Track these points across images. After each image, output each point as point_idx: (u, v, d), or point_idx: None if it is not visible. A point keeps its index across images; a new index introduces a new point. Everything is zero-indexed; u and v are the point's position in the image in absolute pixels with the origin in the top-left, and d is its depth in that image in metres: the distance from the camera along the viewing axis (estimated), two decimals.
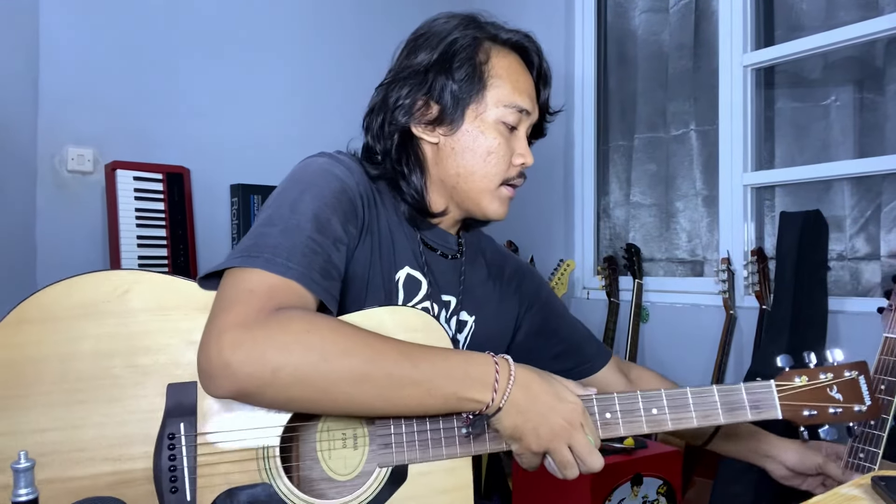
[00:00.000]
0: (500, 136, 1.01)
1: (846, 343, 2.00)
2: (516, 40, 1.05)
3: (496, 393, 0.83)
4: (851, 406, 0.95)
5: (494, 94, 1.01)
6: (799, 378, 0.94)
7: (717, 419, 0.90)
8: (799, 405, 0.93)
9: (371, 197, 0.99)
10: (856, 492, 0.73)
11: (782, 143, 2.36)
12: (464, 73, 1.00)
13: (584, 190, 2.90)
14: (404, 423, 0.86)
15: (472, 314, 1.10)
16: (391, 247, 1.00)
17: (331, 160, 0.98)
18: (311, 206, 0.90)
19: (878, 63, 2.12)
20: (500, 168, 1.02)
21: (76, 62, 2.43)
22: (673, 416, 0.90)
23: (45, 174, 2.39)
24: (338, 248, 0.90)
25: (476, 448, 0.88)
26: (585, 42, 2.91)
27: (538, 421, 0.84)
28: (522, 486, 1.91)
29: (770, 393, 0.93)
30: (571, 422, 0.84)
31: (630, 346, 2.43)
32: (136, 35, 2.54)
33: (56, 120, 2.40)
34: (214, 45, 2.67)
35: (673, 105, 2.65)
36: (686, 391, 0.91)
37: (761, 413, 0.92)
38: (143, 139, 2.52)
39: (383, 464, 0.86)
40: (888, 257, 2.08)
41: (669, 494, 1.81)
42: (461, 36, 1.01)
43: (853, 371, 0.97)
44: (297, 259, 0.84)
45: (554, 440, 0.84)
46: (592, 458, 0.85)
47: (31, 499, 0.58)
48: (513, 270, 1.20)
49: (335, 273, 0.89)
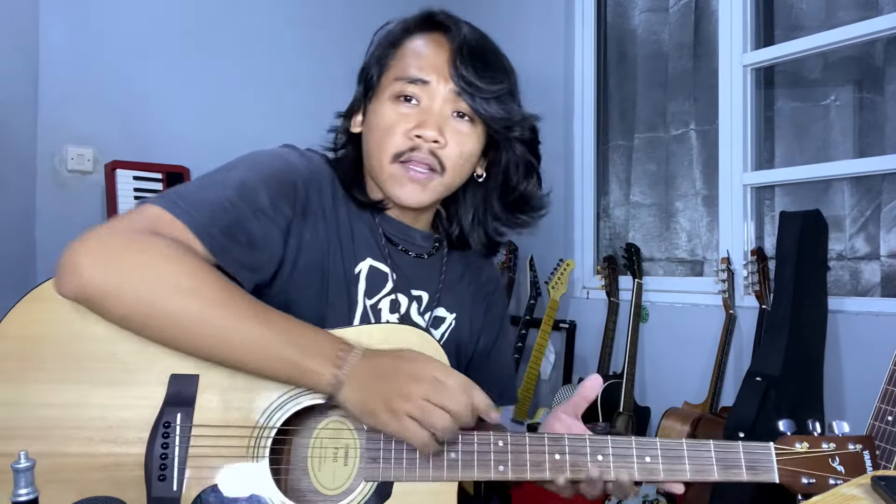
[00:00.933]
0: (393, 110, 0.97)
1: (846, 343, 2.00)
2: (431, 18, 1.01)
3: (339, 369, 0.80)
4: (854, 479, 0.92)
5: (391, 73, 0.99)
6: (800, 444, 0.90)
7: (711, 475, 0.88)
8: (798, 472, 0.89)
9: (330, 187, 0.99)
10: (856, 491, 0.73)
11: (782, 142, 2.36)
12: (374, 61, 1.01)
13: (584, 189, 2.90)
14: (395, 441, 0.85)
15: (451, 311, 1.07)
16: (350, 237, 1.00)
17: (291, 148, 1.00)
18: (243, 174, 0.91)
19: (878, 63, 2.12)
20: (388, 143, 0.96)
21: (76, 62, 2.43)
22: (666, 466, 0.88)
23: (44, 174, 2.39)
24: (258, 217, 0.89)
25: (463, 473, 0.86)
26: (585, 42, 2.91)
27: (390, 395, 0.79)
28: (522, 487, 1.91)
29: (769, 455, 0.89)
30: (420, 382, 0.79)
31: (630, 346, 2.43)
32: (136, 35, 2.54)
33: (56, 120, 2.40)
34: (215, 45, 2.67)
35: (673, 105, 2.65)
36: (682, 442, 0.88)
37: (758, 475, 0.89)
38: (142, 139, 2.53)
39: (369, 478, 0.85)
40: (888, 257, 2.08)
41: (669, 494, 1.81)
42: (393, 28, 1.02)
43: (857, 445, 0.92)
44: (201, 210, 0.85)
45: (406, 416, 0.79)
46: (434, 417, 0.79)
47: (31, 499, 0.58)
48: (488, 278, 1.16)
49: (243, 238, 0.87)
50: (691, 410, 2.21)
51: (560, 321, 2.72)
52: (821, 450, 0.90)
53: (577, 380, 2.61)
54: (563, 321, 2.74)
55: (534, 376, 2.63)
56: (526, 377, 2.62)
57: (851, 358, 1.99)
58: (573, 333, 2.75)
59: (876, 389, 1.26)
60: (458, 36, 0.97)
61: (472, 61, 0.96)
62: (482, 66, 0.97)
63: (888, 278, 2.07)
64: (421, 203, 0.99)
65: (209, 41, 2.64)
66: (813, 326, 1.93)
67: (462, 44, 0.97)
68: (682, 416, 2.17)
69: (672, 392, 2.41)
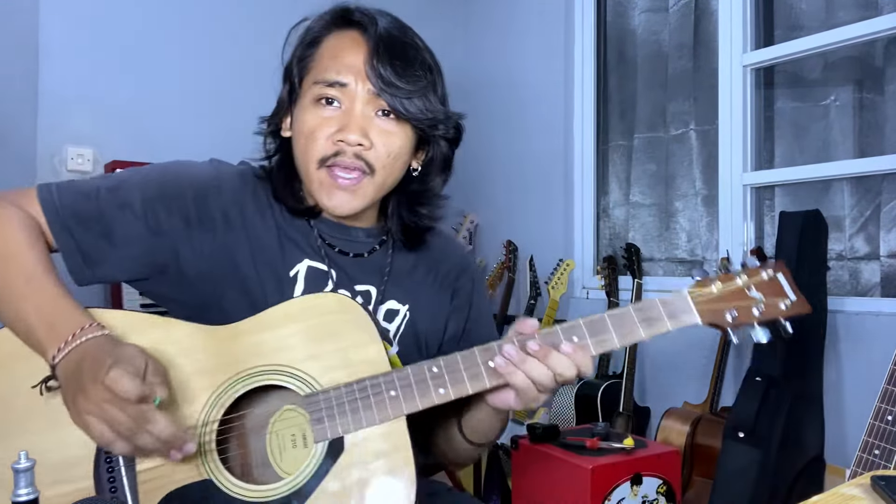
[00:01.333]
0: (314, 114, 0.96)
1: (846, 343, 2.00)
2: (347, 15, 0.99)
3: (59, 352, 0.81)
4: (776, 302, 0.90)
5: (310, 77, 0.97)
6: (714, 285, 0.91)
7: (638, 335, 0.89)
8: (718, 308, 0.90)
9: (249, 195, 1.00)
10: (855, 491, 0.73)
11: (782, 142, 2.36)
12: (296, 62, 1.00)
13: (584, 189, 2.90)
14: (333, 396, 0.86)
15: (403, 303, 1.05)
16: (278, 243, 1.00)
17: (214, 162, 1.04)
18: (130, 174, 0.99)
19: (878, 63, 2.12)
20: (313, 149, 0.95)
21: (76, 62, 2.43)
22: (595, 340, 0.89)
23: (44, 174, 2.38)
24: (122, 211, 0.94)
25: (407, 406, 0.86)
26: (585, 42, 2.91)
27: (78, 392, 0.78)
28: (522, 486, 1.91)
29: (684, 300, 0.90)
30: (97, 400, 0.76)
31: (630, 346, 2.43)
32: (135, 35, 2.54)
33: (56, 120, 2.40)
34: (214, 45, 2.67)
35: (672, 105, 2.65)
36: (604, 316, 0.90)
37: (680, 320, 0.89)
38: (142, 139, 2.52)
39: (319, 439, 0.86)
40: (888, 257, 2.08)
41: (669, 494, 1.81)
42: (311, 25, 1.01)
43: (769, 270, 0.92)
44: (64, 195, 0.93)
45: (88, 415, 0.77)
46: (139, 435, 0.77)
47: (31, 499, 0.58)
48: (452, 265, 1.12)
49: (97, 227, 0.93)
50: (691, 410, 2.21)
51: (560, 321, 2.71)
52: (734, 284, 0.91)
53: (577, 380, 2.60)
54: (563, 321, 2.73)
55: None
56: None
57: (851, 358, 1.99)
58: None
59: (876, 389, 1.26)
60: (373, 33, 0.95)
61: (391, 59, 0.94)
62: (401, 64, 0.95)
63: (888, 278, 2.07)
64: (353, 210, 0.98)
65: (209, 41, 2.64)
66: (813, 326, 1.93)
67: (378, 41, 0.95)
68: (682, 416, 2.17)
69: (672, 392, 2.41)
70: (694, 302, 0.90)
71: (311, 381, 0.87)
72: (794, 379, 1.86)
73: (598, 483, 1.69)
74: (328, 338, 0.89)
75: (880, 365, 1.30)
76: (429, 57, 1.00)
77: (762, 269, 0.92)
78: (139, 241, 0.95)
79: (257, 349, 0.88)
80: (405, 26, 1.01)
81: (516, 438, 1.91)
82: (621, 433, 1.91)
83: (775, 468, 1.81)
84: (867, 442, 1.24)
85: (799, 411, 1.85)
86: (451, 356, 0.88)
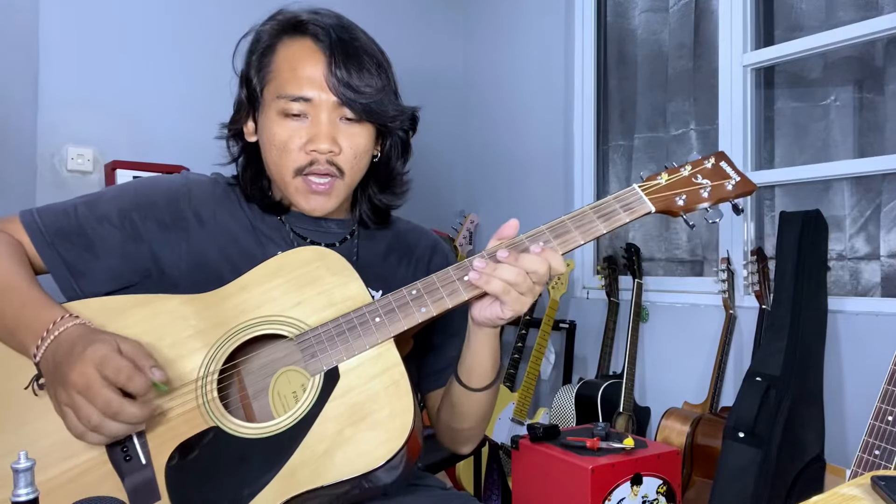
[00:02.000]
0: (283, 127, 1.00)
1: (846, 343, 2.00)
2: (297, 22, 1.02)
3: (37, 349, 0.85)
4: (721, 183, 1.00)
5: (272, 88, 1.01)
6: (660, 177, 1.00)
7: (598, 230, 0.94)
8: (668, 195, 0.98)
9: (220, 196, 1.07)
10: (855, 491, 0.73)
11: (782, 142, 2.36)
12: (255, 71, 1.03)
13: (584, 189, 2.90)
14: (322, 330, 0.91)
15: (376, 288, 1.08)
16: (253, 238, 1.05)
17: (175, 174, 1.10)
18: (105, 190, 1.07)
19: (878, 63, 2.12)
20: (286, 160, 1.01)
21: (76, 62, 2.43)
22: (560, 241, 0.94)
23: (44, 174, 2.39)
24: (101, 223, 1.00)
25: (392, 328, 0.90)
26: (585, 42, 2.91)
27: (56, 384, 0.81)
28: (522, 485, 1.91)
29: (636, 193, 0.97)
30: (76, 385, 0.78)
31: (630, 346, 2.43)
32: (136, 35, 2.54)
33: (56, 120, 2.40)
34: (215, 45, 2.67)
35: (673, 105, 2.65)
36: (563, 219, 0.95)
37: (635, 211, 0.96)
38: (142, 139, 2.53)
39: (314, 371, 0.89)
40: (888, 257, 2.08)
41: (669, 494, 1.81)
42: (261, 32, 1.05)
43: (711, 159, 1.03)
44: (44, 214, 1.00)
45: (64, 407, 0.80)
46: (106, 424, 0.79)
47: (31, 499, 0.58)
48: (424, 247, 1.18)
49: (80, 241, 0.99)
50: (691, 410, 2.21)
51: (560, 321, 2.72)
52: (680, 174, 1.01)
53: (577, 380, 2.61)
54: (563, 321, 2.74)
55: (534, 376, 2.63)
56: (526, 377, 2.62)
57: (851, 358, 1.99)
58: (573, 333, 2.75)
59: (876, 389, 1.26)
60: (327, 43, 0.99)
61: (347, 67, 0.99)
62: (357, 70, 0.99)
63: (888, 278, 2.07)
64: (329, 210, 1.04)
65: (210, 41, 2.64)
66: (813, 326, 1.93)
67: (333, 50, 0.99)
68: (682, 416, 2.18)
69: (672, 392, 2.41)
70: (645, 193, 0.98)
71: (299, 323, 0.92)
72: (795, 379, 1.86)
73: (599, 483, 1.69)
74: (310, 284, 0.94)
75: (880, 365, 1.30)
76: (378, 53, 1.04)
77: (705, 160, 1.03)
78: (120, 249, 1.00)
79: (245, 306, 0.93)
80: (351, 25, 1.04)
81: (516, 438, 1.91)
82: (621, 433, 1.91)
83: (775, 468, 1.81)
84: (867, 442, 1.24)
85: (799, 411, 1.85)
86: (427, 278, 0.93)
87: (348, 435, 0.86)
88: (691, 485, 2.11)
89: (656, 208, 0.97)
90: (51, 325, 0.85)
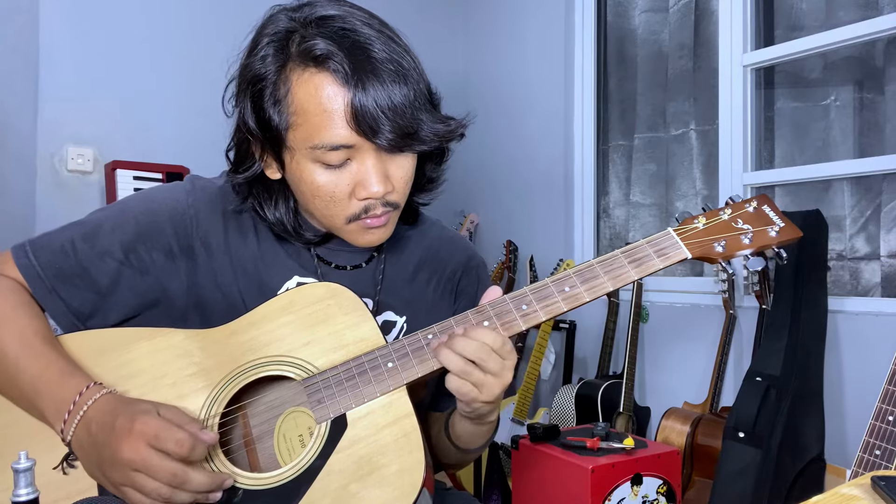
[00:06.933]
0: (324, 176, 0.88)
1: (846, 343, 2.00)
2: (316, 55, 0.84)
3: (65, 425, 0.80)
4: (764, 229, 0.92)
5: (298, 135, 0.86)
6: (698, 220, 0.92)
7: (629, 277, 0.90)
8: (706, 241, 0.91)
9: (227, 218, 0.97)
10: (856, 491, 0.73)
11: (782, 142, 2.36)
12: (273, 104, 0.87)
13: (584, 189, 2.90)
14: (331, 376, 0.86)
15: (401, 314, 1.03)
16: (264, 263, 0.97)
17: (190, 181, 0.99)
18: (103, 216, 0.96)
19: (878, 63, 2.12)
20: (335, 209, 0.90)
21: (76, 62, 2.43)
22: (586, 287, 0.89)
23: (44, 174, 2.39)
24: (103, 259, 0.92)
25: (406, 375, 0.85)
26: (585, 42, 2.91)
27: (103, 464, 0.77)
28: (522, 485, 1.91)
29: (671, 238, 0.91)
30: (132, 463, 0.75)
31: (630, 346, 2.43)
32: (135, 35, 2.54)
33: (56, 119, 2.40)
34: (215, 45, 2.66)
35: (673, 105, 2.65)
36: (592, 263, 0.90)
37: (670, 257, 0.91)
38: (142, 139, 2.53)
39: (321, 418, 0.85)
40: (888, 257, 2.08)
41: (669, 494, 1.81)
42: (265, 65, 0.88)
43: (753, 203, 0.94)
44: (40, 254, 0.92)
45: (122, 487, 0.77)
46: (176, 495, 0.76)
47: (31, 499, 0.58)
48: (456, 265, 1.10)
49: (81, 283, 0.92)
50: (691, 410, 2.21)
51: (560, 321, 2.72)
52: (719, 218, 0.93)
53: (577, 380, 2.61)
54: (563, 321, 2.74)
55: (534, 376, 2.63)
56: (526, 377, 2.62)
57: (852, 358, 1.99)
58: (573, 333, 2.75)
59: (876, 389, 1.26)
60: (362, 80, 0.83)
61: (389, 102, 0.83)
62: (397, 104, 0.84)
63: (888, 278, 2.07)
64: (386, 239, 0.97)
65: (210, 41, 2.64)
66: (813, 326, 1.93)
67: (367, 87, 0.83)
68: (682, 417, 2.17)
69: (672, 392, 2.41)
70: (680, 238, 0.91)
71: (307, 365, 0.87)
72: (795, 379, 1.86)
73: (599, 483, 1.69)
74: (320, 323, 0.89)
75: (881, 365, 1.30)
76: (411, 66, 0.88)
77: (746, 203, 0.94)
78: (127, 284, 0.94)
79: (253, 343, 0.88)
80: (372, 42, 0.86)
81: (516, 438, 1.91)
82: (621, 433, 1.91)
83: (775, 468, 1.80)
84: (868, 442, 1.24)
85: (799, 411, 1.85)
86: (445, 321, 0.88)
87: (354, 491, 0.81)
88: (691, 485, 2.11)
89: (693, 255, 0.90)
90: (77, 396, 0.80)
